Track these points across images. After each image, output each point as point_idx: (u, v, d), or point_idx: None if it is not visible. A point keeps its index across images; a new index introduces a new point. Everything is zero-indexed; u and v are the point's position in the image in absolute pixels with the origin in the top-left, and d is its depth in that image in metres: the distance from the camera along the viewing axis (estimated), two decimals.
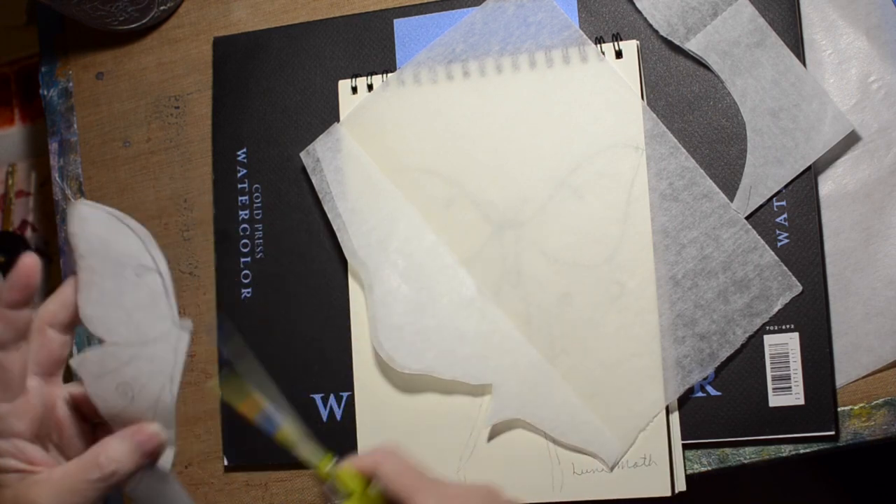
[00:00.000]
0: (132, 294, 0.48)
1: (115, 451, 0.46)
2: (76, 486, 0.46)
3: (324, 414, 0.68)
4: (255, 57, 0.72)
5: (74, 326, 0.48)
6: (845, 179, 0.63)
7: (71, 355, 0.49)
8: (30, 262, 0.47)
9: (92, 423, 0.51)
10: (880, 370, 0.61)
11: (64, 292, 0.48)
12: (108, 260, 0.48)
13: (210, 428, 0.71)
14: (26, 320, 0.47)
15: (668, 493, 0.61)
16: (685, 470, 0.62)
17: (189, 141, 0.74)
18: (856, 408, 0.61)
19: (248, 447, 0.69)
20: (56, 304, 0.48)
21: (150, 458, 0.47)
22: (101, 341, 0.47)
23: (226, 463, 0.70)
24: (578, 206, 0.64)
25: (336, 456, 0.50)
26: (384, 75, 0.68)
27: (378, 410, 0.66)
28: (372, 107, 0.68)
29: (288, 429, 0.50)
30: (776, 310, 0.61)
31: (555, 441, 0.63)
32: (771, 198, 0.62)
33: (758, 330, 0.61)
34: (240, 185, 0.71)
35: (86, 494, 0.46)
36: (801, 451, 0.61)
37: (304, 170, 0.70)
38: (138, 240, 0.49)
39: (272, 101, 0.71)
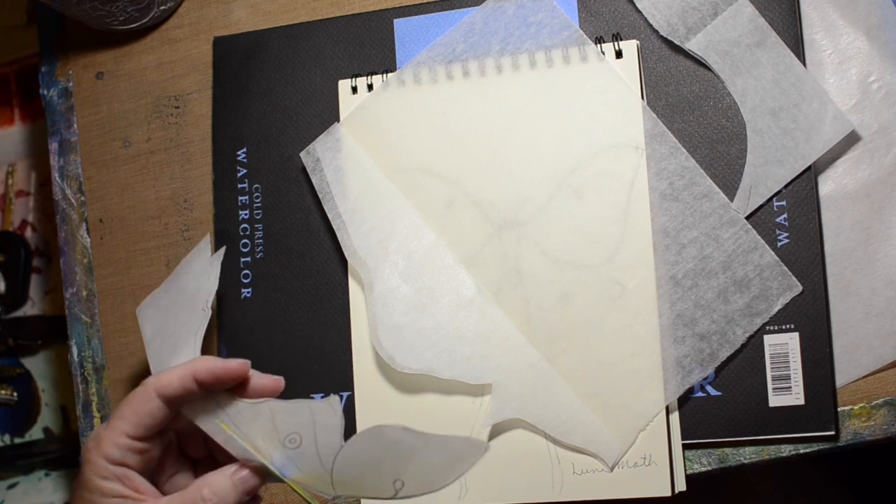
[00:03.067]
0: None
1: (218, 487, 0.49)
2: None
3: None
4: (255, 57, 0.72)
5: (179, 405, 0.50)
6: (845, 179, 0.63)
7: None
8: (238, 369, 0.50)
9: (193, 460, 0.54)
10: (880, 370, 0.61)
11: (182, 369, 0.49)
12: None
13: None
14: (193, 398, 0.49)
15: (668, 493, 0.61)
16: (685, 470, 0.62)
17: (189, 141, 0.74)
18: (856, 408, 0.61)
19: None
20: (169, 377, 0.49)
21: (249, 495, 0.49)
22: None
23: None
24: (578, 206, 0.64)
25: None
26: (384, 75, 0.68)
27: (378, 410, 0.66)
28: (372, 107, 0.68)
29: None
30: (776, 310, 0.61)
31: (555, 441, 0.63)
32: (771, 198, 0.62)
33: (758, 330, 0.61)
34: (240, 185, 0.71)
35: None
36: (801, 451, 0.61)
37: (304, 170, 0.70)
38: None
39: (272, 101, 0.71)
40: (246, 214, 0.71)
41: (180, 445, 0.53)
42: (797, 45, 0.63)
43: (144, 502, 0.48)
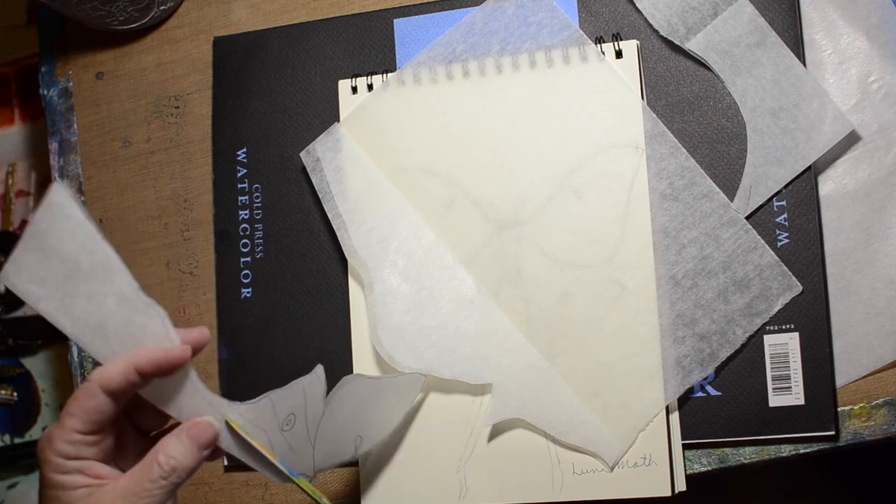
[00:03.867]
0: None
1: (172, 449, 0.49)
2: (141, 489, 0.48)
3: None
4: (255, 57, 0.72)
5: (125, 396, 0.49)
6: (845, 179, 0.63)
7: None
8: (179, 356, 0.48)
9: (151, 434, 0.54)
10: (880, 370, 0.61)
11: (126, 359, 0.48)
12: None
13: None
14: (141, 386, 0.49)
15: (668, 493, 0.61)
16: (685, 470, 0.62)
17: (189, 141, 0.74)
18: (856, 408, 0.61)
19: None
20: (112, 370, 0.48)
21: (206, 448, 0.50)
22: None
23: (225, 463, 0.70)
24: (578, 206, 0.64)
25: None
26: (384, 75, 0.68)
27: None
28: (372, 107, 0.68)
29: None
30: (776, 310, 0.61)
31: (555, 441, 0.63)
32: (771, 198, 0.62)
33: (758, 330, 0.61)
34: (240, 185, 0.71)
35: (152, 494, 0.48)
36: (801, 451, 0.61)
37: (304, 170, 0.70)
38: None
39: (272, 101, 0.71)
40: (246, 214, 0.71)
41: (133, 423, 0.53)
42: (797, 45, 0.63)
43: (107, 484, 0.48)
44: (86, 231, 0.46)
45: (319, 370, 0.55)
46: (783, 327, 0.61)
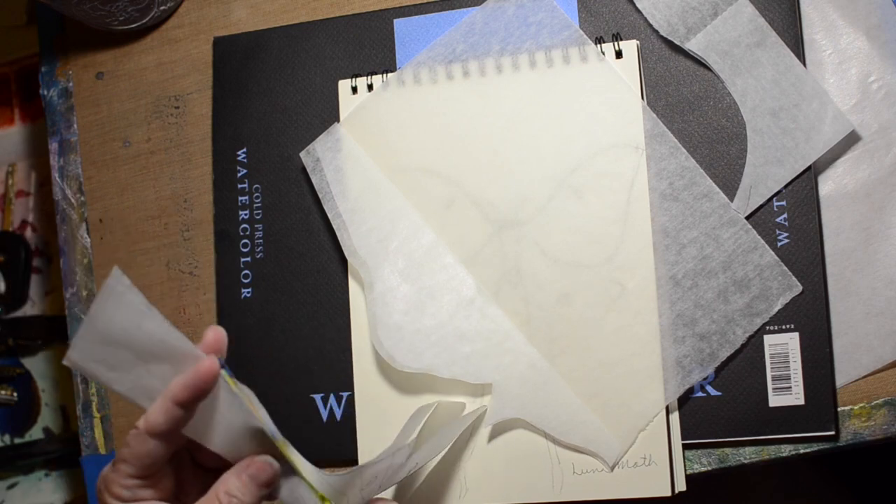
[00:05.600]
0: None
1: (232, 487, 0.48)
2: None
3: (324, 414, 0.68)
4: (255, 57, 0.72)
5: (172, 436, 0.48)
6: (845, 179, 0.63)
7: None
8: (208, 367, 0.47)
9: (213, 470, 0.53)
10: (880, 370, 0.61)
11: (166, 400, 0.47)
12: None
13: None
14: (187, 419, 0.48)
15: (668, 493, 0.61)
16: (685, 470, 0.62)
17: (189, 141, 0.74)
18: (856, 408, 0.61)
19: None
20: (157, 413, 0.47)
21: (267, 488, 0.49)
22: None
23: None
24: (578, 206, 0.64)
25: None
26: (384, 75, 0.68)
27: (378, 410, 0.66)
28: (372, 107, 0.68)
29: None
30: (776, 310, 0.61)
31: (555, 441, 0.63)
32: (771, 198, 0.62)
33: (758, 330, 0.61)
34: (240, 185, 0.71)
35: None
36: (801, 451, 0.61)
37: (304, 170, 0.70)
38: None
39: (272, 101, 0.71)
40: (246, 214, 0.71)
41: (194, 459, 0.53)
42: (797, 45, 0.63)
43: None
44: (150, 319, 0.46)
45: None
46: (783, 327, 0.61)
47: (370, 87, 0.68)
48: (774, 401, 0.61)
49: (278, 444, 0.49)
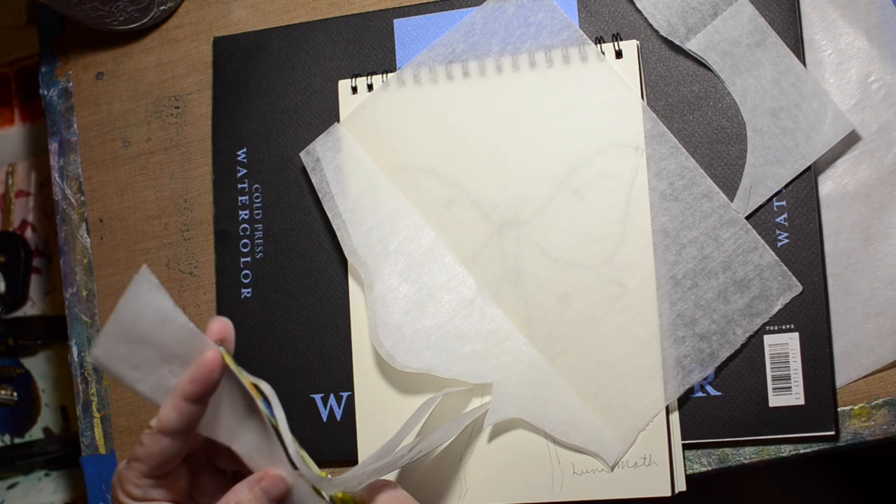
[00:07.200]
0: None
1: (243, 497, 0.48)
2: None
3: (324, 414, 0.68)
4: (255, 57, 0.72)
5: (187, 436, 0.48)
6: (845, 179, 0.63)
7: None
8: (212, 357, 0.47)
9: (231, 472, 0.53)
10: (880, 370, 0.61)
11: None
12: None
13: None
14: (198, 415, 0.47)
15: (668, 493, 0.61)
16: (685, 470, 0.62)
17: (189, 141, 0.74)
18: (856, 408, 0.61)
19: None
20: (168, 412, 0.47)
21: (278, 502, 0.49)
22: None
23: None
24: (578, 206, 0.64)
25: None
26: (384, 75, 0.68)
27: (378, 410, 0.66)
28: (372, 107, 0.68)
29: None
30: (776, 310, 0.61)
31: (555, 441, 0.63)
32: (771, 198, 0.62)
33: (758, 330, 0.61)
34: (240, 185, 0.71)
35: None
36: (801, 451, 0.61)
37: (304, 170, 0.70)
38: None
39: (272, 101, 0.71)
40: (246, 214, 0.71)
41: (211, 461, 0.53)
42: (797, 45, 0.63)
43: None
44: (175, 319, 0.46)
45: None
46: (783, 327, 0.61)
47: (370, 87, 0.68)
48: (774, 401, 0.61)
49: (302, 455, 0.50)
